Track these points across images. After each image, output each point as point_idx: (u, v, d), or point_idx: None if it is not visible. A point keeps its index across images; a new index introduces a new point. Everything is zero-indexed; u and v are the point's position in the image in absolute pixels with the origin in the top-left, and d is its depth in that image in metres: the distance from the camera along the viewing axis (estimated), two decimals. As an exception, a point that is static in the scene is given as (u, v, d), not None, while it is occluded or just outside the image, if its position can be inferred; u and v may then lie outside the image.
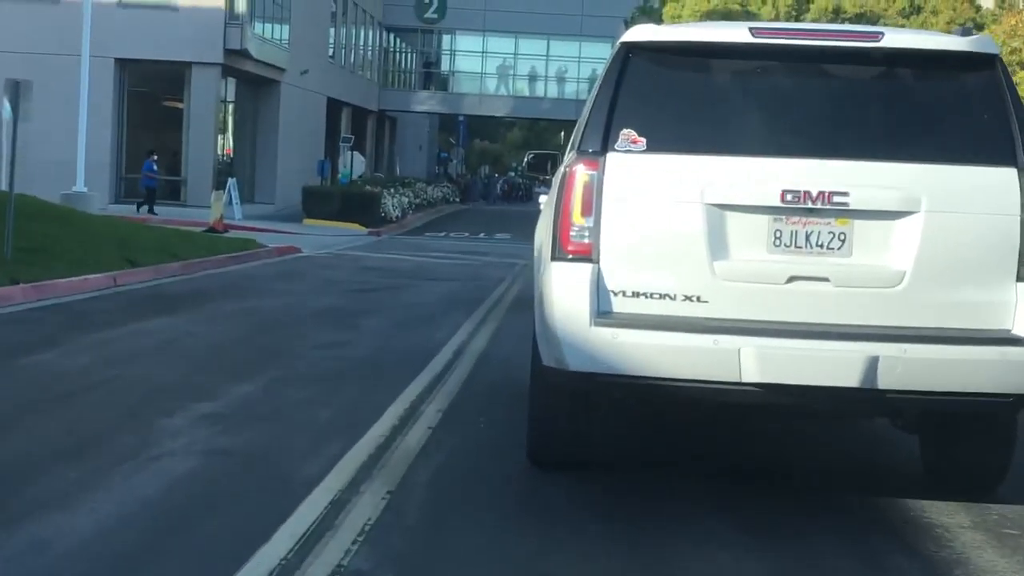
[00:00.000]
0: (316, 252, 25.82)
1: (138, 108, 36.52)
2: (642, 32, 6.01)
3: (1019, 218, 5.58)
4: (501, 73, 62.09)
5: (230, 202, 34.59)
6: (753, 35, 5.88)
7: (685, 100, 5.93)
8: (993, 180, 5.64)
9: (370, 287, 17.35)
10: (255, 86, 40.55)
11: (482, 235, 37.06)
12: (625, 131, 5.74)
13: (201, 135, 35.37)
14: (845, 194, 5.57)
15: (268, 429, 7.43)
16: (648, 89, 5.91)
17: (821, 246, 5.63)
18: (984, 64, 5.86)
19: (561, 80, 61.59)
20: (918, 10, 37.60)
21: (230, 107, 39.94)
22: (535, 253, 7.02)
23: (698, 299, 5.61)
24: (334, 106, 50.43)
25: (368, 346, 11.16)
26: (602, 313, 5.61)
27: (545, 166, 9.63)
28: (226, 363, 9.81)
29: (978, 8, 36.26)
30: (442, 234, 36.88)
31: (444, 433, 7.50)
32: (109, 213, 32.04)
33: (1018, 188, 5.60)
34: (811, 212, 5.60)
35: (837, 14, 34.36)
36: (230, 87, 39.68)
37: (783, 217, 5.62)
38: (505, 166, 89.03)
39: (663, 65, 5.96)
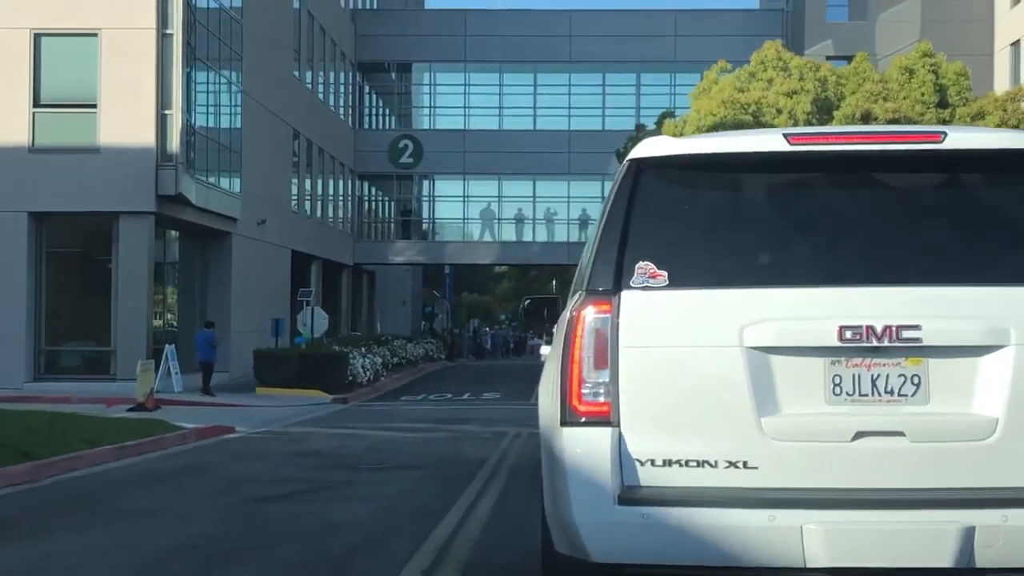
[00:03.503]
0: (253, 431, 20.63)
1: (60, 270, 31.42)
2: (655, 145, 5.15)
3: None
4: (485, 218, 57.45)
5: (168, 373, 29.56)
6: (789, 142, 5.01)
7: (712, 223, 5.03)
8: None
9: (287, 490, 11.92)
10: (202, 239, 35.61)
11: (467, 396, 32.07)
12: (642, 264, 4.92)
13: (132, 297, 30.14)
14: (916, 327, 4.78)
15: None
16: (666, 212, 5.04)
17: (891, 392, 4.82)
18: None
19: (550, 222, 57.00)
20: (945, 122, 33.09)
21: (171, 265, 34.99)
22: (540, 417, 5.55)
23: (745, 465, 4.77)
24: (302, 260, 45.58)
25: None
26: (628, 488, 4.78)
27: (544, 312, 8.04)
28: None
29: (1031, 106, 31.69)
30: (420, 397, 31.80)
31: None
32: (24, 394, 27.26)
33: None
34: (876, 351, 4.82)
35: (866, 120, 29.70)
36: (172, 242, 34.78)
37: (842, 359, 4.83)
38: (496, 318, 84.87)
39: (683, 183, 5.09)
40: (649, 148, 5.16)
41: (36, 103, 30.03)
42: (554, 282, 77.72)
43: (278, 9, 42.40)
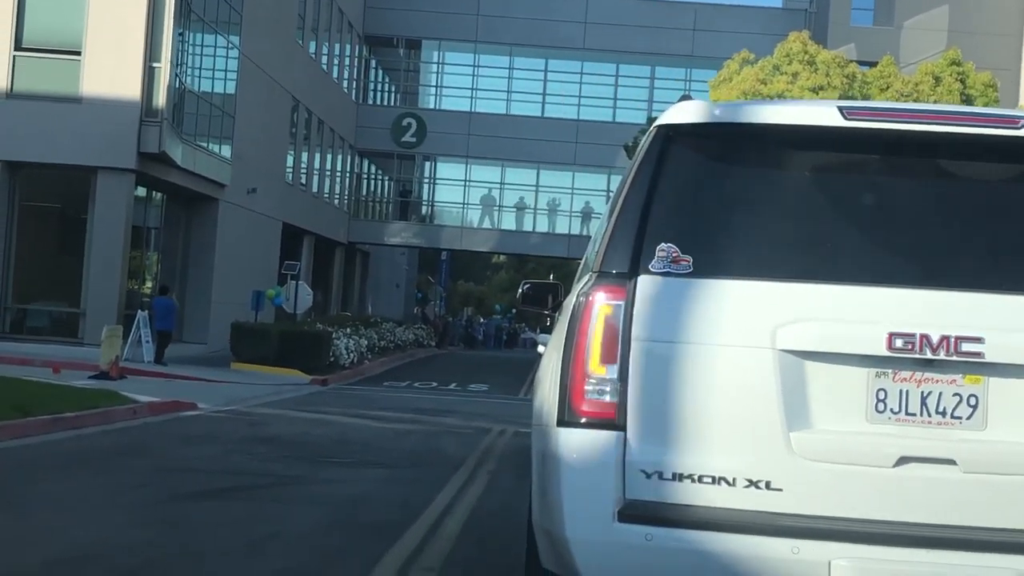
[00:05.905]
0: (216, 409, 19.04)
1: (34, 224, 29.78)
2: (690, 110, 4.52)
3: None
4: (485, 204, 55.78)
5: (139, 341, 27.92)
6: (845, 116, 4.39)
7: (749, 205, 4.39)
8: None
9: (223, 485, 10.27)
10: (188, 204, 33.99)
11: (453, 386, 30.50)
12: (664, 246, 4.33)
13: (106, 257, 28.51)
14: (978, 340, 4.18)
15: None
16: (697, 189, 4.43)
17: (943, 413, 4.26)
18: None
19: (552, 213, 55.33)
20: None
21: (155, 229, 33.34)
22: (535, 414, 5.00)
23: (768, 486, 4.20)
24: (293, 234, 43.95)
25: None
26: (630, 503, 4.22)
27: (544, 299, 6.78)
28: None
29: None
30: (403, 384, 30.21)
31: None
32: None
33: None
34: (929, 365, 4.23)
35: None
36: (155, 205, 33.13)
37: (889, 371, 4.25)
38: (490, 309, 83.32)
39: (718, 156, 4.47)
40: (683, 113, 4.51)
41: (17, 46, 28.38)
42: (551, 275, 76.26)
43: (284, -29, 40.74)
